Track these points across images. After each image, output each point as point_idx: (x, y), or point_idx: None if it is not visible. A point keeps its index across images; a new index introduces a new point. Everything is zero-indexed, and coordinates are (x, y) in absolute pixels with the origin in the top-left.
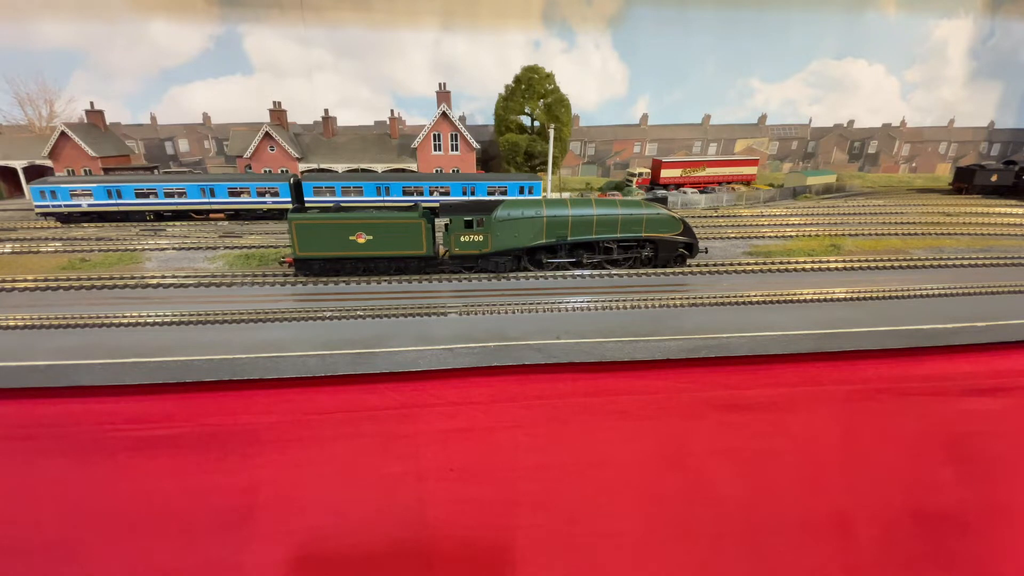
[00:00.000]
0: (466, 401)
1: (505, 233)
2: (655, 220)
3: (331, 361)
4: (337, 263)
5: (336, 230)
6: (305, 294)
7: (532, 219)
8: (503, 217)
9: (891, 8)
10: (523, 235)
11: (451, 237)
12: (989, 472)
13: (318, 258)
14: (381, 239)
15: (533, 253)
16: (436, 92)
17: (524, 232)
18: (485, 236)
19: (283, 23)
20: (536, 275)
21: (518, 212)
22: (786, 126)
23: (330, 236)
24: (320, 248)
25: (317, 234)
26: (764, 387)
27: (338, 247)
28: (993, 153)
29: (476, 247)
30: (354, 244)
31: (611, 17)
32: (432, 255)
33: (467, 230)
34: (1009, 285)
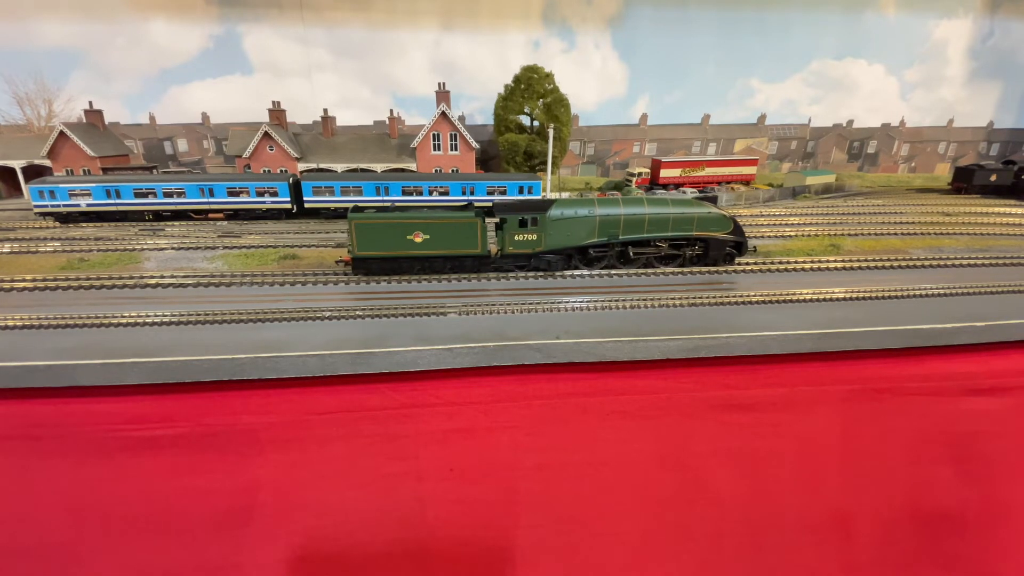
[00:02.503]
0: (466, 401)
1: (558, 232)
2: (706, 219)
3: (330, 361)
4: (394, 262)
5: (395, 229)
6: (304, 294)
7: (585, 218)
8: (556, 216)
9: (891, 8)
10: (575, 234)
11: (505, 236)
12: (989, 472)
13: (376, 257)
14: (438, 238)
15: (584, 251)
16: (435, 92)
17: (576, 231)
18: (538, 235)
19: (282, 23)
20: (535, 275)
21: (571, 211)
22: (785, 126)
23: (389, 236)
24: (378, 247)
25: (376, 234)
26: (764, 387)
27: (396, 246)
28: (992, 153)
29: (529, 246)
30: (411, 244)
31: (611, 17)
32: (486, 254)
33: (521, 229)
34: (1008, 285)
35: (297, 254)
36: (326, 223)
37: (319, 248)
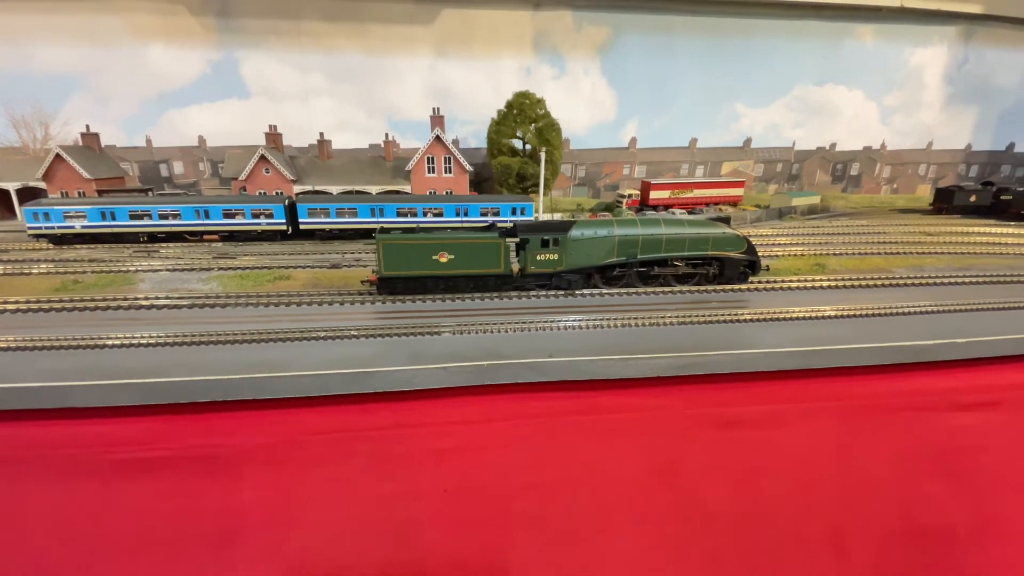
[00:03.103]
0: (460, 420)
1: (579, 252)
2: (721, 239)
3: (325, 381)
4: (419, 281)
5: (422, 250)
6: (301, 315)
7: (604, 238)
8: (577, 237)
9: (868, 37)
10: (595, 254)
11: (527, 256)
12: (976, 487)
13: (402, 277)
14: (462, 258)
15: (604, 271)
16: (430, 116)
17: (596, 251)
18: (560, 255)
19: (280, 48)
20: (528, 295)
21: (591, 232)
22: (771, 149)
23: (415, 256)
24: (405, 267)
25: (403, 254)
26: (755, 404)
27: (422, 266)
28: (971, 174)
29: (551, 265)
30: (437, 263)
31: (600, 45)
32: (508, 273)
33: (543, 249)
34: (989, 302)
35: (292, 275)
36: (321, 244)
37: (314, 269)
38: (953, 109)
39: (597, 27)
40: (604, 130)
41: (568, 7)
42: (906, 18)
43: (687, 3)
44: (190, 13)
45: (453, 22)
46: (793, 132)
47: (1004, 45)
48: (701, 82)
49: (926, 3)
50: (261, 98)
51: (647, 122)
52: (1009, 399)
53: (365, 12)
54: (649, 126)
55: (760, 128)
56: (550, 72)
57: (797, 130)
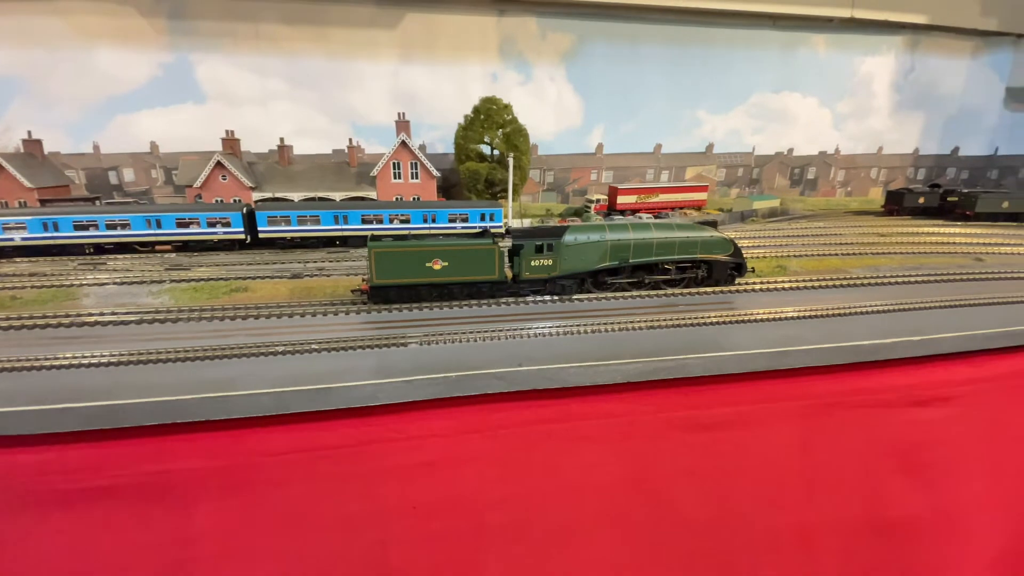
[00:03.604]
0: (428, 434)
1: (572, 257)
2: (709, 242)
3: (283, 399)
4: (412, 289)
5: (414, 257)
6: (257, 328)
7: (597, 243)
8: (570, 242)
9: (821, 46)
10: (589, 258)
11: (522, 261)
12: (933, 479)
13: (395, 285)
14: (456, 265)
15: (596, 275)
16: (395, 121)
17: (590, 256)
18: (554, 260)
19: (237, 52)
20: (498, 302)
21: (584, 237)
22: (732, 154)
23: (408, 263)
24: (398, 275)
25: (396, 262)
26: (724, 406)
27: (415, 274)
28: (919, 177)
29: (545, 271)
30: (430, 271)
31: (565, 52)
32: (502, 279)
33: (537, 254)
34: (940, 301)
35: (250, 287)
36: (282, 253)
37: (273, 280)
38: (901, 115)
39: (562, 34)
40: (571, 136)
41: (533, 14)
42: (856, 28)
43: (649, 12)
44: (140, 15)
45: (417, 27)
46: (753, 138)
47: (947, 54)
48: (665, 89)
49: (874, 14)
50: (217, 102)
51: (613, 128)
52: (961, 394)
53: (326, 15)
54: (615, 132)
55: (722, 134)
56: (516, 78)
57: (756, 136)
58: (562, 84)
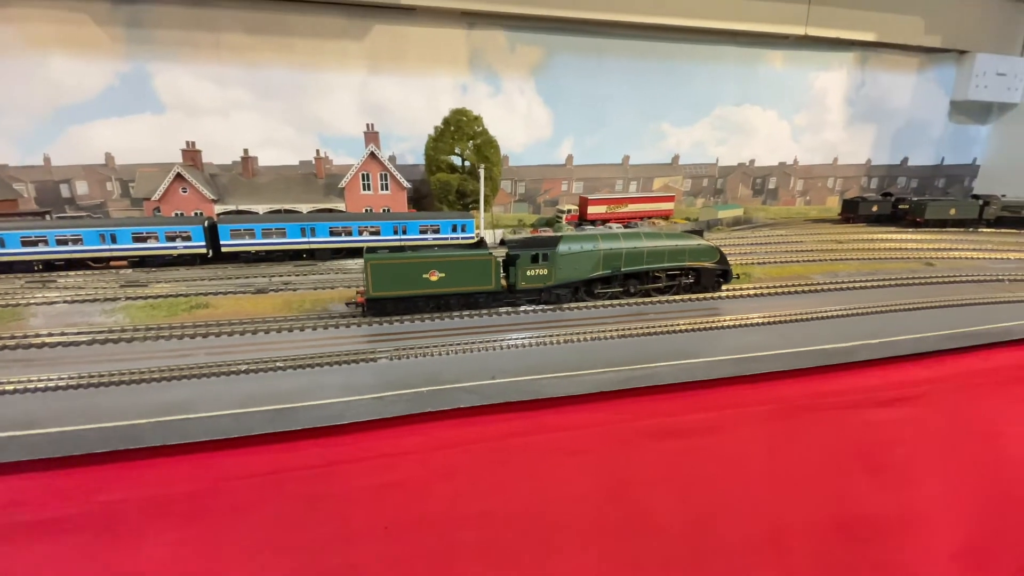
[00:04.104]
0: (398, 452)
1: (566, 266)
2: (697, 250)
3: (247, 420)
4: (409, 301)
5: (412, 268)
6: (218, 346)
7: (590, 252)
8: (565, 251)
9: (778, 62)
10: (582, 268)
11: (518, 271)
12: (898, 477)
13: (391, 297)
14: (453, 276)
15: (589, 284)
16: (364, 132)
17: (583, 265)
18: (549, 270)
19: (197, 62)
20: (471, 314)
21: (578, 246)
22: (697, 165)
23: (405, 275)
24: (394, 287)
25: (393, 273)
26: (693, 412)
27: (412, 285)
28: (872, 186)
29: (540, 280)
30: (427, 282)
31: (534, 66)
32: (499, 289)
33: (533, 264)
34: (895, 304)
35: (212, 303)
36: (245, 268)
37: (236, 295)
38: (854, 128)
39: (530, 47)
40: (542, 147)
41: (501, 27)
42: (810, 45)
43: (614, 27)
44: (95, 23)
45: (385, 38)
46: (716, 149)
47: (894, 69)
48: (631, 102)
49: (826, 32)
50: (177, 113)
51: (582, 140)
52: (918, 394)
53: (291, 26)
54: (584, 144)
55: (686, 146)
56: (486, 90)
57: (720, 147)
58: (532, 96)
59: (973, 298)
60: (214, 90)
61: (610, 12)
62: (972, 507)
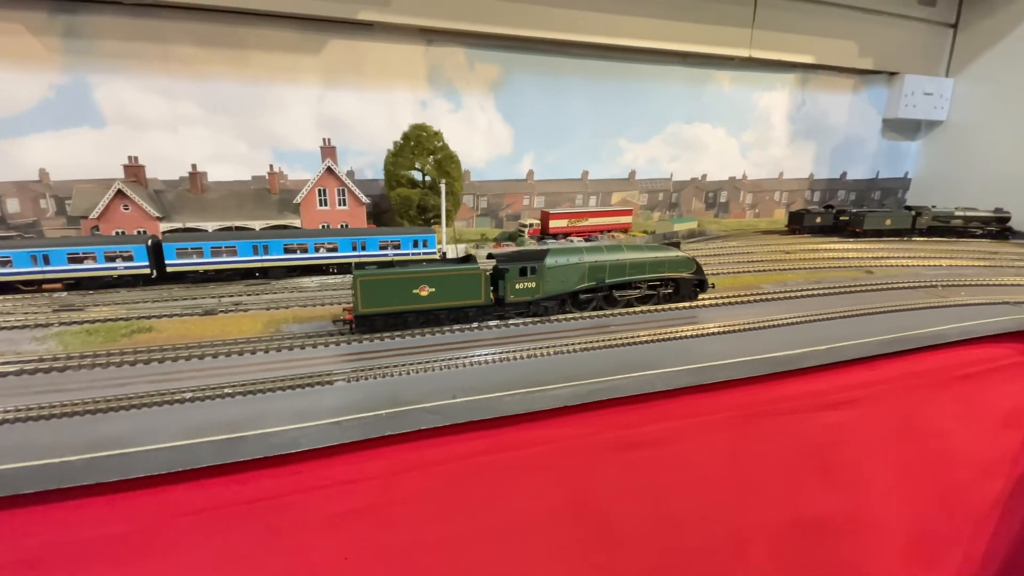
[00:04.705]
0: (358, 478)
1: (554, 279)
2: (675, 261)
3: (191, 452)
4: (398, 317)
5: (401, 284)
6: (161, 373)
7: (576, 265)
8: (552, 264)
9: (725, 83)
10: (569, 280)
11: (507, 285)
12: (848, 477)
13: (381, 313)
14: (443, 291)
15: (575, 296)
16: (320, 147)
17: (570, 277)
18: (537, 283)
19: (143, 74)
20: (432, 331)
21: (564, 259)
22: (652, 180)
23: (395, 290)
24: (384, 303)
25: (382, 289)
26: (652, 423)
27: (402, 301)
28: (815, 199)
29: (529, 293)
30: (417, 297)
31: (493, 82)
32: (489, 303)
33: (521, 278)
34: (840, 311)
35: (155, 326)
36: (193, 288)
37: (182, 318)
38: (797, 144)
39: (489, 65)
40: (503, 162)
41: (460, 44)
42: (754, 67)
43: (570, 46)
44: (30, 33)
45: (342, 53)
46: (670, 165)
47: (832, 90)
48: (588, 119)
49: (768, 54)
50: (119, 127)
51: (542, 155)
52: (863, 396)
53: (243, 38)
54: (544, 159)
55: (642, 161)
56: (446, 106)
57: (674, 163)
58: (492, 113)
59: (910, 304)
60: (161, 103)
61: (565, 32)
62: (917, 502)
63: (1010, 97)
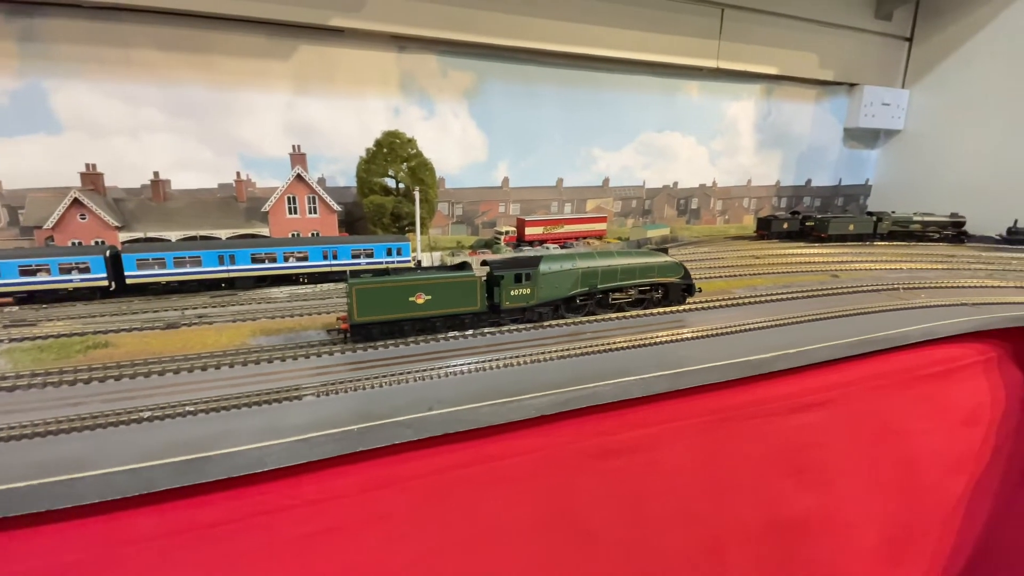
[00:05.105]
0: (329, 497)
1: (548, 285)
2: (665, 266)
3: (147, 475)
4: (394, 325)
5: (397, 292)
6: (118, 392)
7: (569, 271)
8: (546, 271)
9: (695, 92)
10: (563, 286)
11: (503, 291)
12: (820, 477)
13: (378, 321)
14: (439, 298)
15: (568, 301)
16: (290, 154)
17: (563, 283)
18: (532, 289)
19: (103, 78)
20: (406, 342)
21: (557, 266)
22: (626, 187)
23: (391, 299)
24: (379, 312)
25: (378, 298)
26: (630, 430)
27: (398, 309)
28: (782, 205)
29: (524, 299)
30: (413, 305)
31: (466, 90)
32: (484, 310)
33: (517, 284)
34: (808, 315)
35: (112, 341)
36: (154, 301)
37: (142, 332)
38: (764, 152)
39: (463, 72)
40: (478, 170)
41: (433, 52)
42: (722, 77)
43: (542, 55)
44: None
45: (312, 59)
46: (643, 172)
47: (796, 100)
48: (562, 127)
49: (735, 65)
50: (77, 133)
51: (517, 163)
52: (832, 397)
53: (209, 43)
54: (519, 166)
55: (615, 169)
56: (419, 113)
57: (646, 171)
58: (466, 120)
59: (874, 306)
60: (122, 109)
61: (539, 41)
62: (887, 500)
63: (962, 107)
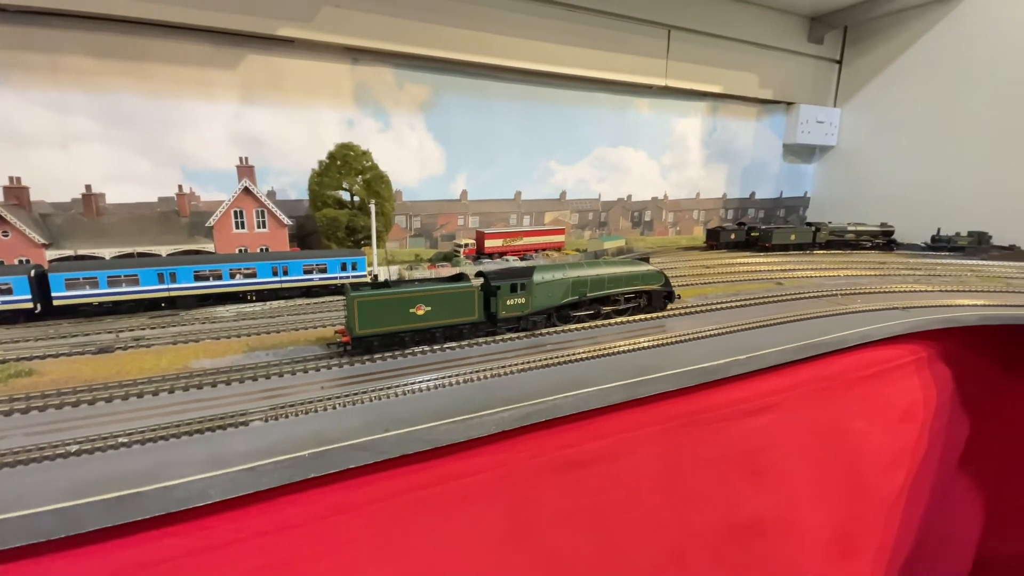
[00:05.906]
0: (279, 527)
1: (541, 294)
2: (648, 275)
3: (76, 514)
4: (395, 337)
5: (398, 304)
6: (43, 424)
7: (561, 280)
8: (539, 280)
9: (645, 109)
10: (555, 295)
11: (499, 301)
12: (773, 478)
13: (379, 334)
14: (439, 309)
15: (560, 310)
16: (237, 166)
17: (556, 292)
18: (526, 298)
19: (29, 86)
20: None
21: (550, 275)
22: (582, 200)
23: (392, 310)
24: (381, 324)
25: (379, 310)
26: (590, 441)
27: (399, 320)
28: (729, 217)
29: (519, 309)
30: (414, 316)
31: (423, 102)
32: (483, 320)
33: (512, 294)
34: (757, 321)
35: (37, 369)
36: (85, 323)
37: (71, 357)
38: (711, 167)
39: (419, 85)
40: (435, 183)
41: (387, 64)
42: (670, 95)
43: (497, 70)
44: None
45: (260, 68)
46: (598, 186)
47: (739, 117)
48: (519, 141)
49: (682, 84)
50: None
51: (475, 176)
52: (781, 401)
53: (147, 51)
54: (477, 179)
55: (572, 182)
56: (375, 125)
57: (601, 184)
58: (423, 133)
59: (816, 312)
60: (49, 118)
61: (493, 56)
62: (836, 497)
63: (888, 125)
